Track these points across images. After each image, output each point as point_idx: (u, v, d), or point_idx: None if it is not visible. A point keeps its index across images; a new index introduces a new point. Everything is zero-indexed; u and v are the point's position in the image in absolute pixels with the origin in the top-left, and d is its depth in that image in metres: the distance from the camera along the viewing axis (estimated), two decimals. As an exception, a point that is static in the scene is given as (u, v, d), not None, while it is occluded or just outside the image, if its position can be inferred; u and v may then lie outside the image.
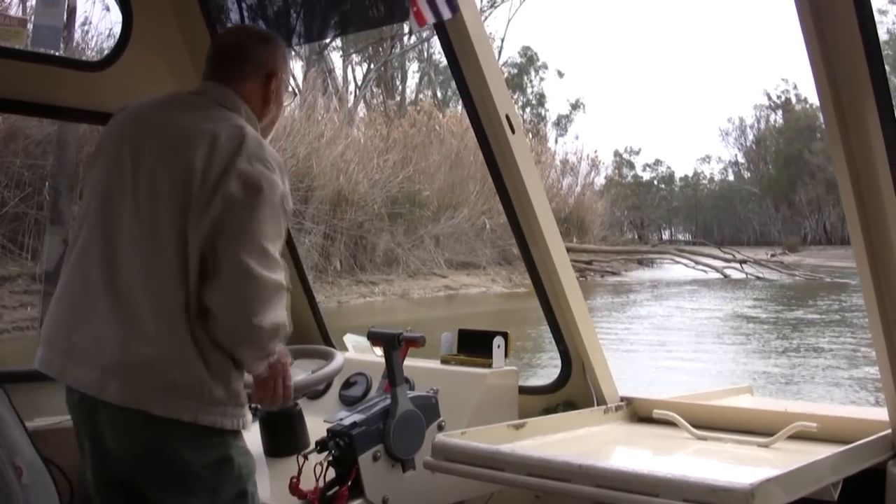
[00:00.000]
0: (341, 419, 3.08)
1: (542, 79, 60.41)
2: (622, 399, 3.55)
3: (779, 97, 69.41)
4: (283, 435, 3.17)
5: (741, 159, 79.39)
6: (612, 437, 3.32)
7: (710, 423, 3.28)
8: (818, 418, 3.06)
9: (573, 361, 3.59)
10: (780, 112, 71.32)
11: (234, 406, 2.44)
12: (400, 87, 48.37)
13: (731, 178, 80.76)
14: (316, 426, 3.14)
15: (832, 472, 2.68)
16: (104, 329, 2.37)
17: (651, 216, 75.01)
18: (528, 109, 59.50)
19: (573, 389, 3.62)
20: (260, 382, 2.57)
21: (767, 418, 3.22)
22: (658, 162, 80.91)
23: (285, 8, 4.19)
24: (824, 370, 13.25)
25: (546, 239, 3.43)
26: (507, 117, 3.29)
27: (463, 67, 3.31)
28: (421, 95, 47.60)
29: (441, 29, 3.27)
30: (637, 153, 78.45)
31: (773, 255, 41.48)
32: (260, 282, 2.35)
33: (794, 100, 68.30)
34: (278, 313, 2.42)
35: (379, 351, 3.31)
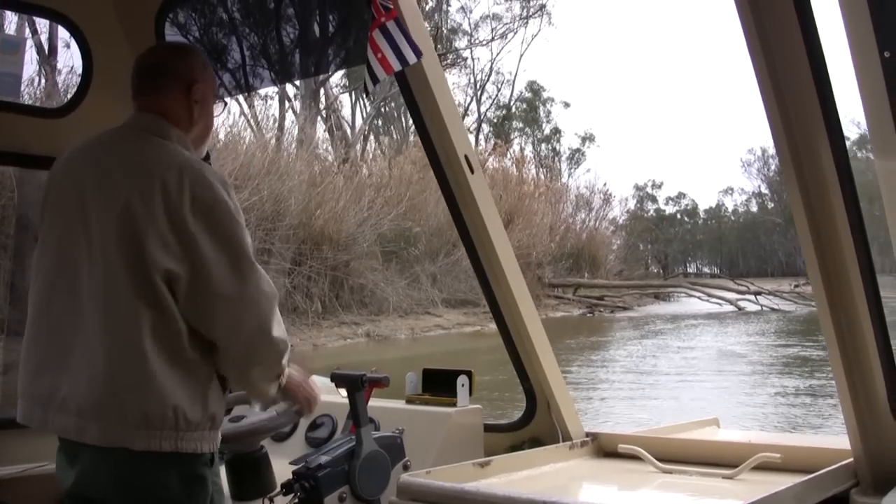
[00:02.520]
0: (307, 461, 3.31)
1: (548, 111, 61.56)
2: (587, 434, 3.80)
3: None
4: (250, 478, 3.35)
5: (764, 190, 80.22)
6: (577, 472, 3.56)
7: (675, 456, 3.52)
8: (781, 449, 3.32)
9: (538, 399, 3.85)
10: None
11: (210, 430, 2.62)
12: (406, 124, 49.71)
13: (754, 209, 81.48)
14: (282, 468, 3.36)
15: (796, 502, 2.94)
16: (79, 374, 2.55)
17: (674, 249, 75.75)
18: (543, 145, 60.62)
19: (538, 426, 3.88)
20: (289, 392, 2.89)
21: (732, 450, 3.47)
22: (681, 195, 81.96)
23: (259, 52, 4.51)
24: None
25: (508, 278, 3.70)
26: (466, 157, 3.57)
27: (422, 109, 3.60)
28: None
29: (400, 72, 3.51)
30: (659, 187, 79.73)
31: (795, 286, 41.80)
32: (263, 296, 2.59)
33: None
34: (281, 324, 2.66)
35: (344, 392, 3.55)
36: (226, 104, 3.22)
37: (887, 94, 2.96)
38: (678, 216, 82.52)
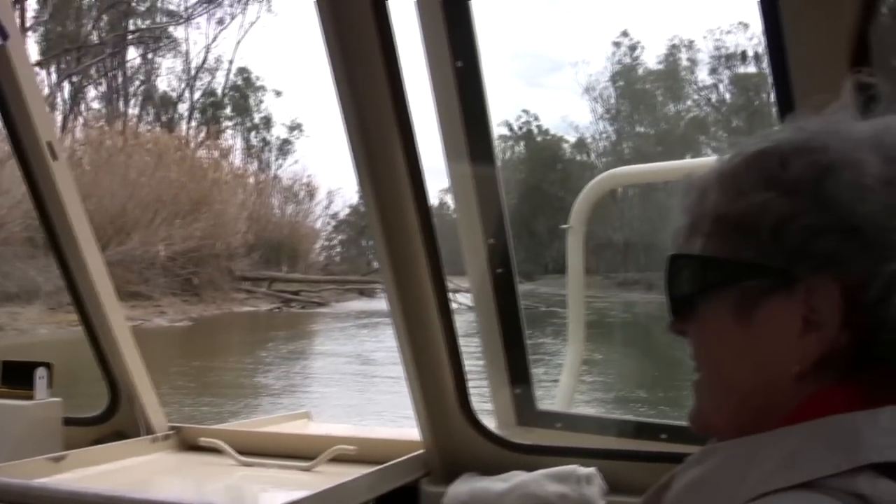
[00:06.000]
0: None
1: (260, 101, 62.00)
2: (171, 428, 4.01)
3: (520, 128, 73.14)
4: None
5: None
6: (157, 466, 3.77)
7: (259, 449, 3.80)
8: (358, 441, 3.64)
9: (121, 391, 4.03)
10: (522, 143, 75.12)
11: None
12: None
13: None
14: None
15: (367, 491, 3.27)
16: None
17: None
18: (253, 133, 60.96)
19: (122, 420, 4.04)
20: None
21: (314, 443, 3.75)
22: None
23: None
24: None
25: (90, 269, 3.85)
26: (50, 144, 3.74)
27: (6, 95, 3.71)
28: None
29: (-19, 53, 3.64)
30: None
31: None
32: None
33: (535, 131, 72.48)
34: None
35: None
36: None
37: (458, 102, 3.37)
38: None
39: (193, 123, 56.50)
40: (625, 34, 64.25)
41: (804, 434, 1.20)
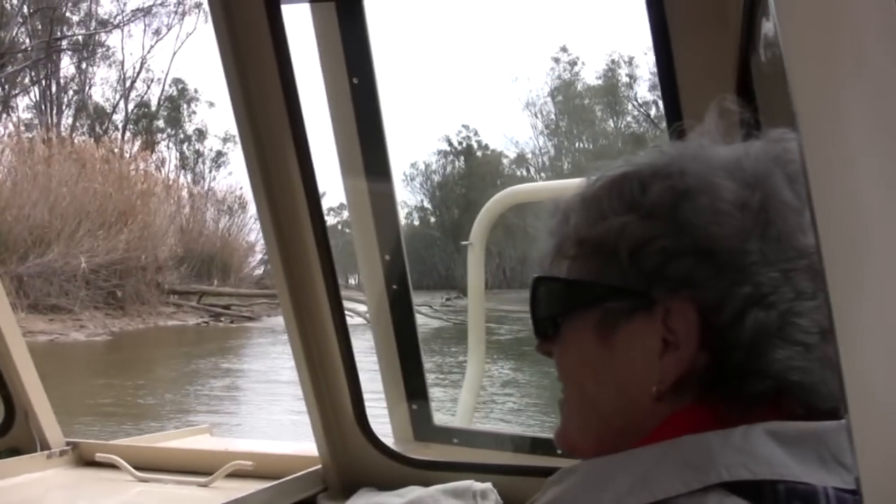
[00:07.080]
0: None
1: (194, 112, 62.00)
2: (68, 443, 4.02)
3: (460, 143, 73.43)
4: None
5: (427, 204, 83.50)
6: (53, 483, 3.77)
7: (157, 465, 3.83)
8: (255, 456, 3.70)
9: (16, 407, 4.03)
10: (462, 158, 75.43)
11: None
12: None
13: (416, 222, 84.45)
14: None
15: (265, 506, 3.32)
16: None
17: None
18: (185, 145, 61.00)
19: (17, 436, 4.04)
20: None
21: (212, 458, 3.79)
22: (343, 206, 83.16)
23: None
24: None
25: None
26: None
27: None
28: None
29: None
30: (321, 196, 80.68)
31: (447, 299, 43.57)
32: None
33: (475, 146, 72.86)
34: None
35: None
36: None
37: (354, 118, 3.44)
38: (339, 227, 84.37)
39: (128, 134, 56.36)
40: (564, 50, 64.81)
41: (659, 454, 1.24)
